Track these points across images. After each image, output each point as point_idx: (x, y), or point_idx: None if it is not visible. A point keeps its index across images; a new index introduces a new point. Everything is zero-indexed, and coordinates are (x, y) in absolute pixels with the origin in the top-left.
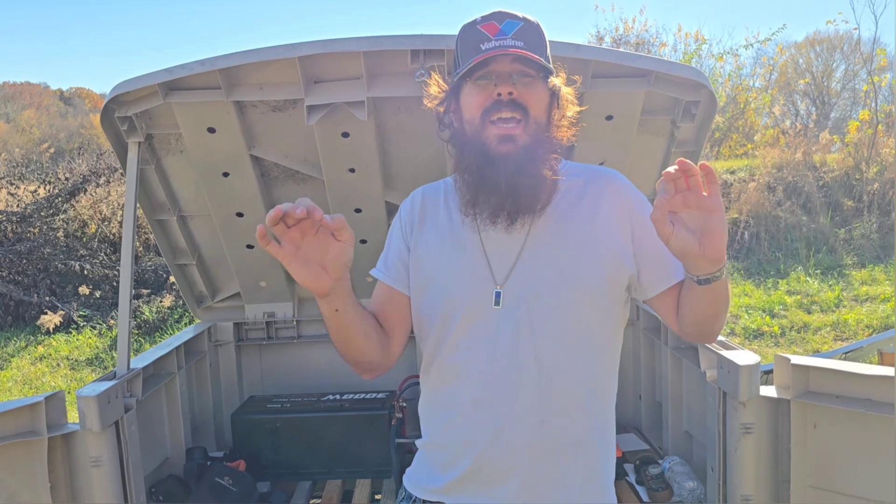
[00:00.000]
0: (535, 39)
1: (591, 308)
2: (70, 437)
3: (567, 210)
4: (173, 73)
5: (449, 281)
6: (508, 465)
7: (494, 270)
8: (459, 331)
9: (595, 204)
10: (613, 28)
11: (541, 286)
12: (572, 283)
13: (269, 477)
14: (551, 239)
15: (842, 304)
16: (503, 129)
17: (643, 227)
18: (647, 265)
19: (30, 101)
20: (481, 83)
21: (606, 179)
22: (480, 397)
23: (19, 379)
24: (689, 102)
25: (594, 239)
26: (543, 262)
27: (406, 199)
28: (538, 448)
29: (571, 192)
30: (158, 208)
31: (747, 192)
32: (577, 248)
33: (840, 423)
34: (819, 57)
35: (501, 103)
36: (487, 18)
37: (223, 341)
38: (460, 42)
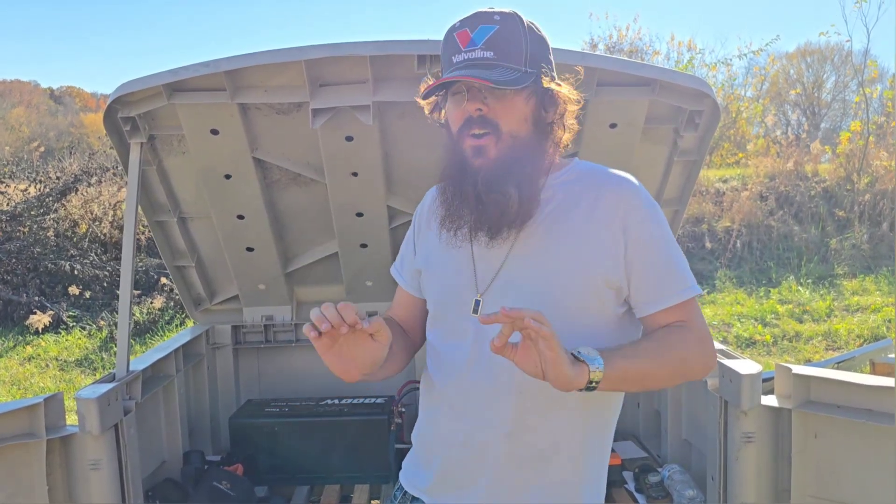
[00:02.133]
0: (511, 44)
1: (569, 320)
2: (69, 439)
3: (557, 220)
4: (178, 74)
5: (439, 284)
6: (476, 471)
7: (479, 279)
8: (444, 333)
9: (588, 212)
10: (607, 36)
11: (517, 300)
12: (547, 294)
13: (267, 481)
14: (535, 251)
15: (833, 313)
16: (476, 142)
17: (636, 243)
18: (636, 284)
19: (20, 99)
20: (456, 98)
21: (607, 187)
22: (455, 401)
23: (7, 379)
24: (693, 112)
25: (577, 249)
26: (523, 274)
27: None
28: (506, 457)
29: (567, 198)
30: (159, 209)
31: (739, 201)
32: (557, 258)
33: (841, 433)
34: (810, 68)
35: (472, 120)
36: (464, 23)
37: (221, 344)
38: (442, 48)
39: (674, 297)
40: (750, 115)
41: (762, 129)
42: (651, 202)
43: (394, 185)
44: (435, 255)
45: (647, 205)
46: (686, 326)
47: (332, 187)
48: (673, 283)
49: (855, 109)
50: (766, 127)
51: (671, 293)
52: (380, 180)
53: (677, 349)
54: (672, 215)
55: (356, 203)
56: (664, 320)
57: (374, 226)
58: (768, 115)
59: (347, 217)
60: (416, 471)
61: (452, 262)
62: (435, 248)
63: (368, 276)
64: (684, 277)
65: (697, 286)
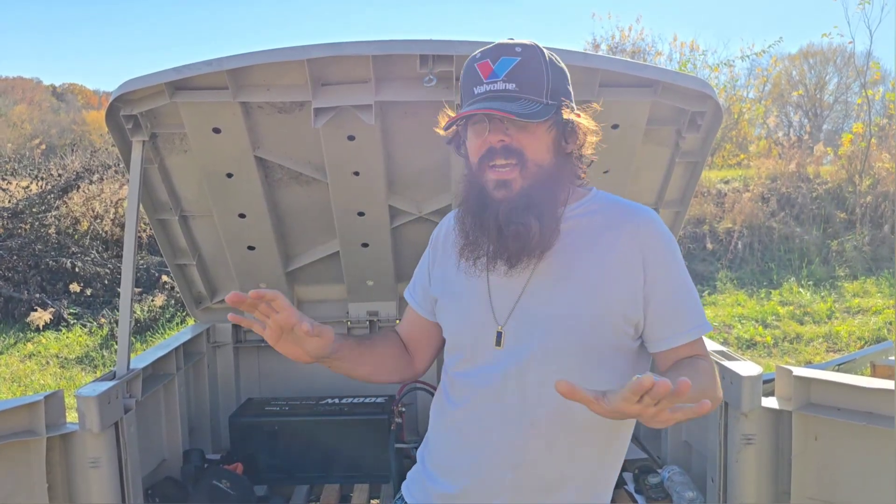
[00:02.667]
0: (532, 76)
1: (585, 356)
2: (69, 437)
3: (576, 251)
4: (181, 72)
5: (456, 314)
6: (483, 498)
7: (496, 310)
8: (460, 362)
9: (608, 247)
10: (610, 36)
11: (533, 330)
12: (564, 329)
13: (267, 480)
14: (553, 282)
15: (834, 315)
16: (499, 174)
17: (655, 279)
18: (650, 321)
19: (22, 96)
20: (477, 128)
21: (628, 220)
22: (464, 429)
23: (7, 376)
24: (695, 113)
25: (596, 285)
26: (541, 305)
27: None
28: (512, 488)
29: (586, 231)
30: (160, 207)
31: (741, 203)
32: (575, 293)
33: (841, 436)
34: (812, 69)
35: (495, 151)
36: (485, 54)
37: (221, 342)
38: (462, 78)
39: (690, 334)
40: (752, 117)
41: (764, 130)
42: (669, 236)
43: (395, 184)
44: (452, 285)
45: (666, 240)
46: (704, 359)
47: (334, 187)
48: (687, 321)
49: (857, 111)
50: (768, 128)
51: (686, 330)
52: (381, 180)
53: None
54: (673, 216)
55: (357, 202)
56: (677, 355)
57: (375, 225)
58: (770, 116)
59: (349, 216)
60: (420, 489)
61: (469, 293)
62: (452, 277)
63: (369, 276)
64: (698, 313)
65: (708, 324)
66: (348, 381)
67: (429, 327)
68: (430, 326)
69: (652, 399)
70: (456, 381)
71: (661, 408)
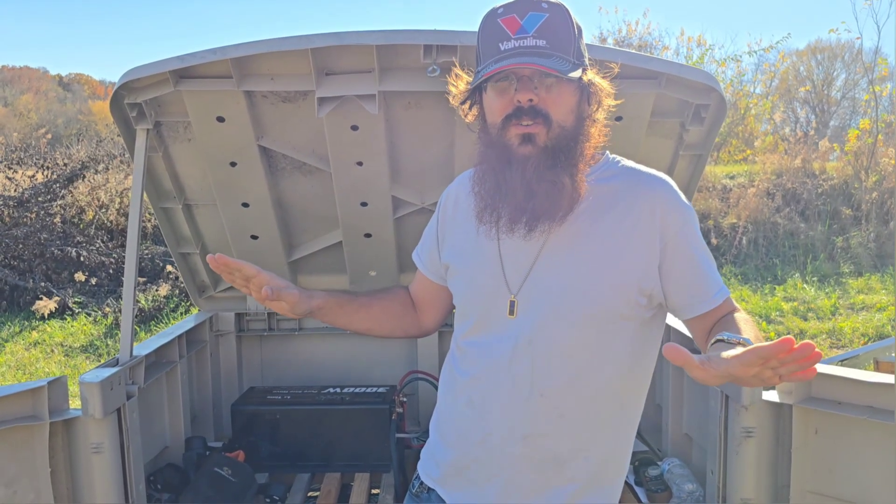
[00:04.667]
0: (562, 33)
1: (598, 326)
2: (71, 422)
3: (591, 219)
4: (185, 60)
5: (467, 282)
6: (492, 470)
7: (509, 279)
8: (471, 330)
9: (624, 215)
10: (616, 30)
11: (546, 299)
12: (578, 299)
13: (268, 468)
14: (567, 250)
15: (838, 311)
16: (524, 129)
17: (675, 248)
18: (674, 289)
19: (28, 86)
20: (501, 85)
21: (644, 188)
22: (475, 399)
23: (13, 364)
24: (699, 106)
25: (612, 255)
26: (554, 274)
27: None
28: (521, 459)
29: (602, 198)
30: (164, 196)
31: (746, 198)
32: (590, 262)
33: (841, 430)
34: (820, 65)
35: (522, 110)
36: (509, 9)
37: (224, 331)
38: (481, 35)
39: (714, 300)
40: (759, 112)
41: (770, 125)
42: (686, 205)
43: (398, 174)
44: (462, 251)
45: (684, 208)
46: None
47: (337, 176)
48: (712, 286)
49: (864, 107)
50: (774, 124)
51: (712, 296)
52: (384, 170)
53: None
54: None
55: (361, 192)
56: (709, 319)
57: (378, 215)
58: (777, 112)
59: (352, 206)
60: (430, 461)
61: (480, 260)
62: (461, 243)
63: (372, 266)
64: (718, 280)
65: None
66: (350, 371)
67: (436, 290)
68: (437, 289)
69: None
70: (466, 350)
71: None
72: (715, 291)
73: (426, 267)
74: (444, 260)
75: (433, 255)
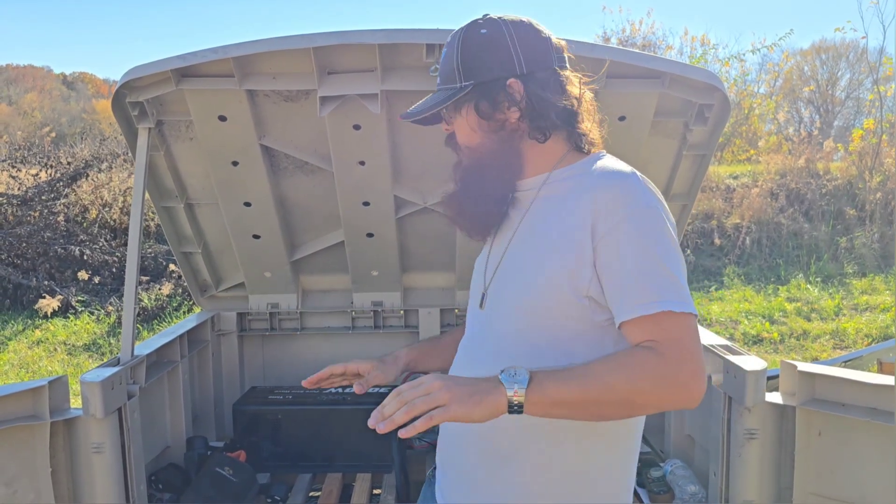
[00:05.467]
0: (445, 62)
1: (538, 323)
2: (72, 422)
3: (540, 217)
4: (187, 59)
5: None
6: (449, 461)
7: (487, 274)
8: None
9: (568, 214)
10: (620, 29)
11: (500, 293)
12: (518, 294)
13: (270, 468)
14: (521, 245)
15: (841, 312)
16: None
17: (605, 248)
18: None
19: (32, 85)
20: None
21: (591, 187)
22: None
23: (16, 362)
24: (703, 105)
25: (546, 252)
26: (508, 269)
27: None
28: (475, 453)
29: (554, 197)
30: (166, 195)
31: (750, 198)
32: (529, 259)
33: (844, 431)
34: (824, 65)
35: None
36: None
37: (226, 331)
38: None
39: (637, 310)
40: (762, 112)
41: (774, 125)
42: (636, 202)
43: (401, 174)
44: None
45: (630, 204)
46: (655, 349)
47: (339, 176)
48: (639, 294)
49: (869, 107)
50: (778, 124)
51: (634, 305)
52: (387, 169)
53: (635, 376)
54: (680, 210)
55: (363, 192)
56: (634, 336)
57: (380, 215)
58: (781, 111)
59: (354, 206)
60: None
61: (478, 260)
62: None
63: (374, 266)
64: (656, 290)
65: (677, 303)
66: None
67: None
68: None
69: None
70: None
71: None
72: (639, 302)
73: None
74: None
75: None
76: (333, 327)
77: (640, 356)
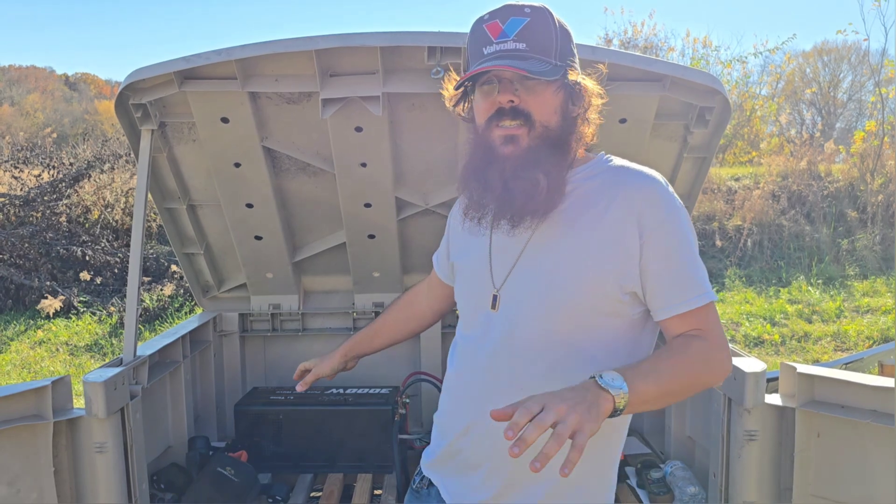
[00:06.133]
0: (542, 36)
1: (575, 322)
2: (75, 422)
3: (573, 216)
4: (190, 61)
5: (463, 279)
6: (476, 459)
7: (494, 274)
8: (463, 325)
9: (603, 212)
10: (622, 31)
11: (525, 294)
12: (556, 294)
13: (271, 468)
14: (549, 246)
15: (843, 314)
16: (506, 130)
17: (652, 246)
18: (650, 288)
19: (35, 85)
20: (486, 88)
21: (627, 185)
22: (460, 391)
23: (18, 363)
24: (704, 108)
25: (590, 251)
26: (536, 269)
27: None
28: (501, 452)
29: (585, 195)
30: (168, 196)
31: (751, 200)
32: (569, 258)
33: (844, 433)
34: (826, 67)
35: (503, 111)
36: (493, 15)
37: (228, 332)
38: (469, 40)
39: (687, 304)
40: (764, 114)
41: (776, 127)
42: (673, 203)
43: (402, 176)
44: (462, 250)
45: (668, 205)
46: (702, 336)
47: (341, 178)
48: (687, 290)
49: (870, 109)
50: (780, 126)
51: (684, 300)
52: (388, 171)
53: (695, 364)
54: None
55: (364, 194)
56: (679, 327)
57: (381, 217)
58: (783, 113)
59: (355, 208)
60: (428, 448)
61: (473, 255)
62: (463, 242)
63: (375, 267)
64: (699, 283)
65: (713, 292)
66: (353, 372)
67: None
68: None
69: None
70: (458, 344)
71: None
72: (688, 296)
73: (441, 269)
74: (451, 259)
75: (444, 255)
76: (335, 328)
77: (696, 346)
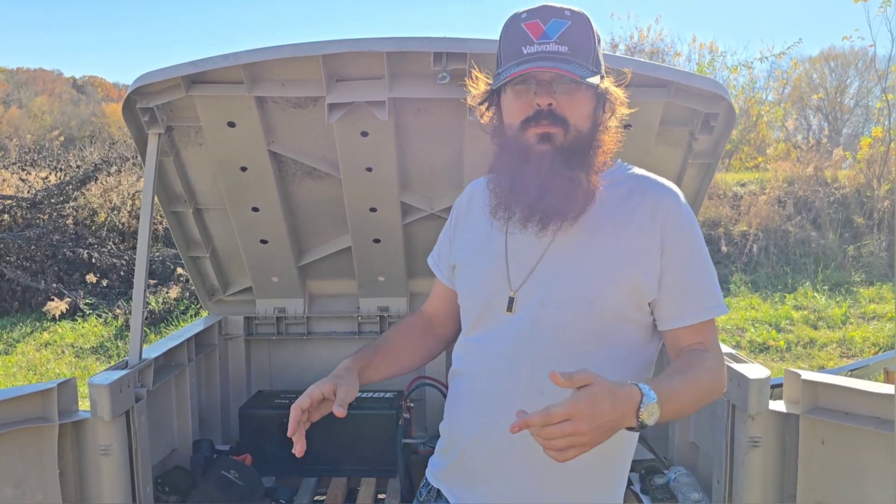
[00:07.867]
0: (583, 41)
1: (599, 327)
2: (80, 424)
3: (597, 222)
4: (197, 66)
5: (472, 279)
6: (490, 467)
7: (511, 276)
8: (475, 327)
9: (627, 220)
10: (628, 36)
11: (547, 297)
12: (579, 299)
13: (275, 472)
14: (572, 250)
15: (849, 321)
16: (543, 128)
17: (672, 255)
18: (664, 297)
19: (43, 88)
20: (520, 88)
21: (648, 195)
22: (474, 396)
23: (24, 365)
24: (709, 114)
25: (614, 258)
26: (557, 273)
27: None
28: (521, 458)
29: (608, 203)
30: (175, 200)
31: (757, 206)
32: (593, 264)
33: (848, 440)
34: (833, 72)
35: (541, 114)
36: (533, 14)
37: (233, 335)
38: (504, 38)
39: (698, 315)
40: (771, 119)
41: (783, 133)
42: (690, 215)
43: (408, 181)
44: (470, 248)
45: (687, 217)
46: (707, 351)
47: (347, 182)
48: (699, 301)
49: (877, 115)
50: (786, 131)
51: (696, 311)
52: (394, 176)
53: (705, 380)
54: None
55: (370, 198)
56: (687, 338)
57: (387, 221)
58: (789, 119)
59: (361, 212)
60: (436, 459)
61: (485, 256)
62: (471, 240)
63: (380, 272)
64: (713, 294)
65: (724, 305)
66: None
67: (450, 294)
68: (450, 293)
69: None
70: (467, 347)
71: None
72: (699, 308)
73: (444, 273)
74: (452, 259)
75: (444, 256)
76: (340, 332)
77: (706, 359)
